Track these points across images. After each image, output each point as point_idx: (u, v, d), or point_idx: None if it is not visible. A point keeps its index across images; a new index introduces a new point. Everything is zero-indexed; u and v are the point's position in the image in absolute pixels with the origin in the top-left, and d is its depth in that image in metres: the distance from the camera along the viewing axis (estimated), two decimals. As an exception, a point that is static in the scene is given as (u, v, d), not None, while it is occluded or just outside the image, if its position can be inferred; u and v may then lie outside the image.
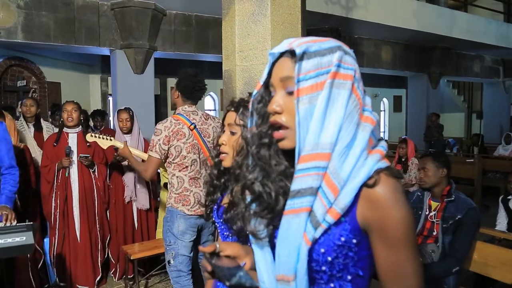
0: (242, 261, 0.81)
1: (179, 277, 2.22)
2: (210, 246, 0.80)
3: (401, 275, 0.67)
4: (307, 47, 0.67)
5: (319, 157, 0.65)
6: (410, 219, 0.66)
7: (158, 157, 2.18)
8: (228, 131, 1.14)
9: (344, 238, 0.67)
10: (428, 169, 2.15)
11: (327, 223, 0.66)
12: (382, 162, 0.68)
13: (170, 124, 2.20)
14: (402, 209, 0.65)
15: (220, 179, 1.16)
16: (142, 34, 5.08)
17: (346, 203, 0.65)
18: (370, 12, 6.23)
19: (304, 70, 0.67)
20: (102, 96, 7.35)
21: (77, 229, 2.98)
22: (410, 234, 0.66)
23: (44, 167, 2.95)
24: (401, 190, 0.67)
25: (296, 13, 2.14)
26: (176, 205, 2.21)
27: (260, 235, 0.73)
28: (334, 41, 0.70)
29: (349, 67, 0.68)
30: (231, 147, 1.10)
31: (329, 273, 0.69)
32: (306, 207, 0.66)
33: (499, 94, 10.62)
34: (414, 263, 0.67)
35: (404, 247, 0.66)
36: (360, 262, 0.70)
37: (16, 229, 1.85)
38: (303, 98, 0.66)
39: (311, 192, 0.65)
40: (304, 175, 0.65)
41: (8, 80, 5.66)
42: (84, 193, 3.00)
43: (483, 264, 2.19)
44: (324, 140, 0.65)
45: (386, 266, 0.67)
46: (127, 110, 3.23)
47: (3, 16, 4.33)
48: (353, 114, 0.67)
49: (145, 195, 3.22)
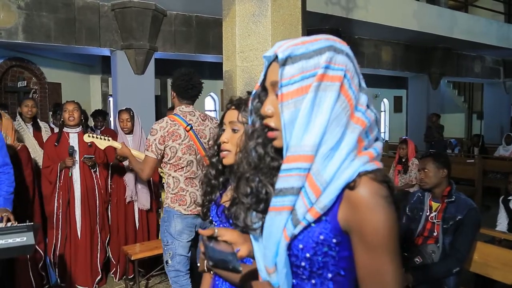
0: (238, 247, 0.83)
1: (178, 277, 2.22)
2: (209, 229, 0.82)
3: (377, 281, 0.65)
4: (292, 51, 0.67)
5: (301, 158, 0.66)
6: (390, 225, 0.64)
7: (155, 156, 2.18)
8: (229, 129, 1.13)
9: (323, 237, 0.68)
10: (429, 169, 2.14)
11: (306, 221, 0.68)
12: (369, 165, 0.67)
13: (165, 125, 2.19)
14: (381, 213, 0.64)
15: (218, 178, 1.16)
16: (143, 35, 5.08)
17: (326, 203, 0.66)
18: (370, 13, 6.23)
19: (287, 75, 0.67)
20: (102, 96, 7.36)
21: (78, 229, 2.98)
22: (389, 239, 0.64)
23: (45, 168, 2.94)
24: (384, 195, 0.65)
25: (297, 13, 2.14)
26: (172, 205, 2.21)
27: (253, 227, 0.76)
28: (325, 41, 0.69)
29: (339, 67, 0.67)
30: (234, 144, 1.09)
31: (309, 269, 0.71)
32: (287, 206, 0.68)
33: (499, 94, 10.62)
34: (393, 270, 0.65)
35: (383, 252, 0.64)
36: (342, 262, 0.69)
37: (17, 229, 1.85)
38: (288, 103, 0.67)
39: (292, 192, 0.67)
40: (286, 175, 0.67)
41: (8, 80, 5.66)
42: (86, 193, 3.00)
43: (483, 264, 2.19)
44: (306, 142, 0.65)
45: (364, 270, 0.66)
46: (128, 110, 3.24)
47: (3, 16, 4.34)
48: (340, 117, 0.66)
49: (146, 195, 3.22)
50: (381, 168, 0.69)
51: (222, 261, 0.75)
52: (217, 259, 0.75)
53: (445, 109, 10.89)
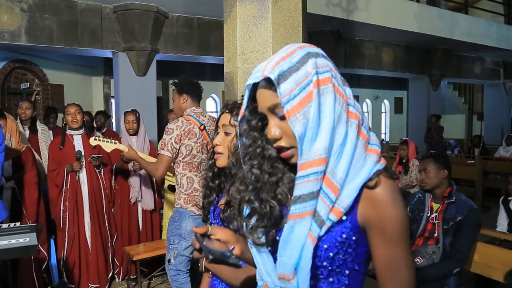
0: (231, 246, 0.84)
1: (177, 275, 2.25)
2: (203, 227, 0.82)
3: (396, 269, 0.72)
4: (280, 68, 0.69)
5: (316, 163, 0.68)
6: (406, 218, 0.72)
7: (170, 155, 2.21)
8: (222, 132, 1.15)
9: (345, 235, 0.72)
10: (429, 170, 2.15)
11: (330, 221, 0.70)
12: (380, 164, 0.72)
13: (181, 124, 2.24)
14: (399, 208, 0.71)
15: (215, 181, 1.18)
16: (144, 37, 5.11)
17: (348, 202, 0.69)
18: (371, 15, 6.25)
19: (286, 92, 0.68)
20: (104, 98, 7.38)
21: (87, 230, 3.01)
22: (405, 231, 0.72)
23: (52, 171, 2.95)
24: (398, 191, 0.73)
25: (297, 15, 2.16)
26: (185, 206, 2.24)
27: (259, 241, 0.77)
28: (300, 50, 0.71)
29: (325, 69, 0.70)
30: (225, 147, 1.12)
31: (329, 268, 0.74)
32: (310, 211, 0.69)
33: (499, 95, 10.61)
34: (408, 258, 0.73)
35: (400, 243, 0.71)
36: (358, 258, 0.74)
37: (20, 230, 1.86)
38: (297, 117, 0.68)
39: (312, 197, 0.69)
40: (304, 181, 0.69)
41: (11, 82, 5.69)
42: (93, 194, 3.02)
43: (484, 265, 2.20)
44: (318, 146, 0.68)
45: (383, 261, 0.72)
46: (134, 112, 3.26)
47: (7, 19, 4.37)
48: (341, 115, 0.70)
49: (150, 196, 3.24)
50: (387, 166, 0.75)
51: (221, 256, 0.76)
52: (216, 253, 0.76)
53: (445, 110, 10.89)
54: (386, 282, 0.73)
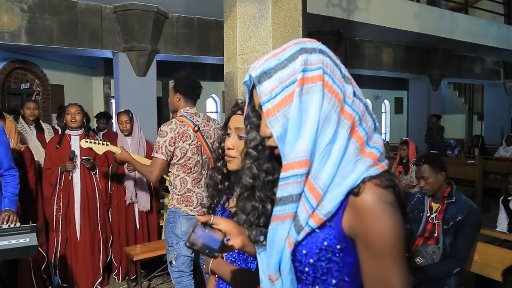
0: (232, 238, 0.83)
1: (181, 277, 2.24)
2: (206, 216, 0.82)
3: (383, 286, 0.65)
4: (266, 66, 0.67)
5: (297, 165, 0.65)
6: (396, 231, 0.64)
7: (164, 158, 2.18)
8: (235, 135, 1.09)
9: (327, 243, 0.68)
10: (428, 176, 2.13)
11: (309, 227, 0.67)
12: (373, 169, 0.66)
13: (175, 126, 2.21)
14: (387, 220, 0.63)
15: (224, 182, 1.15)
16: (145, 37, 5.11)
17: (329, 209, 0.65)
18: (371, 15, 6.25)
19: (267, 90, 0.67)
20: (105, 98, 7.38)
21: (78, 231, 2.98)
22: (395, 246, 0.64)
23: (46, 170, 2.96)
24: (389, 201, 0.65)
25: (297, 15, 2.15)
26: (179, 206, 2.23)
27: (260, 241, 0.77)
28: (294, 46, 0.69)
29: (316, 66, 0.66)
30: (239, 151, 1.06)
31: (312, 275, 0.71)
32: (289, 214, 0.67)
33: (499, 95, 10.61)
34: (399, 276, 0.64)
35: (388, 259, 0.64)
36: (346, 268, 0.69)
37: (20, 230, 1.86)
38: (276, 116, 0.66)
39: (292, 200, 0.66)
40: (284, 183, 0.67)
41: (12, 83, 5.70)
42: (87, 196, 3.00)
43: (484, 265, 2.20)
44: (300, 148, 0.65)
45: (369, 276, 0.66)
46: (127, 112, 3.25)
47: (7, 19, 4.37)
48: (331, 115, 0.65)
49: (146, 196, 3.24)
50: (387, 171, 0.68)
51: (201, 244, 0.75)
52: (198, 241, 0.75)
53: (445, 110, 10.89)
54: None
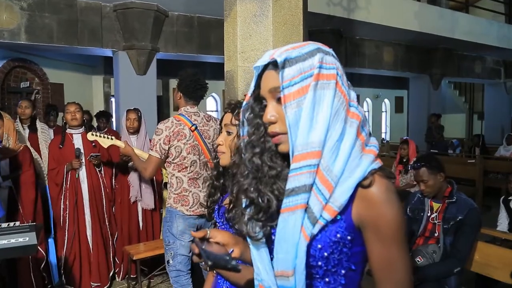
0: (230, 248, 0.83)
1: (178, 277, 2.23)
2: (201, 231, 0.82)
3: (392, 269, 0.71)
4: (288, 54, 0.70)
5: (310, 155, 0.68)
6: (401, 217, 0.71)
7: (158, 156, 2.19)
8: (224, 131, 1.17)
9: (339, 235, 0.71)
10: (427, 179, 2.13)
11: (324, 220, 0.70)
12: (376, 163, 0.71)
13: (171, 124, 2.21)
14: (394, 208, 0.70)
15: (220, 180, 1.19)
16: (145, 36, 5.10)
17: (342, 201, 0.69)
18: (371, 14, 6.24)
19: (288, 77, 0.70)
20: (104, 97, 7.38)
21: (88, 228, 3.02)
22: (401, 231, 0.71)
23: (51, 170, 2.96)
24: (393, 190, 0.72)
25: (298, 14, 2.15)
26: (175, 205, 2.22)
27: (256, 237, 0.76)
28: (313, 44, 0.73)
29: (331, 66, 0.71)
30: (227, 146, 1.14)
31: (324, 268, 0.73)
32: (301, 204, 0.69)
33: (500, 95, 10.62)
34: (404, 258, 0.71)
35: (396, 243, 0.70)
36: (353, 257, 0.74)
37: (19, 229, 1.85)
38: (291, 103, 0.69)
39: (304, 190, 0.68)
40: (297, 174, 0.69)
41: (11, 81, 5.69)
42: (93, 192, 3.02)
43: (484, 264, 2.19)
44: (313, 139, 0.68)
45: (379, 261, 0.72)
46: (136, 110, 3.27)
47: (6, 17, 4.37)
48: (339, 112, 0.70)
49: (150, 195, 3.24)
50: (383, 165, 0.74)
51: (220, 260, 0.75)
52: (215, 258, 0.75)
53: (446, 110, 10.88)
54: (382, 282, 0.72)
